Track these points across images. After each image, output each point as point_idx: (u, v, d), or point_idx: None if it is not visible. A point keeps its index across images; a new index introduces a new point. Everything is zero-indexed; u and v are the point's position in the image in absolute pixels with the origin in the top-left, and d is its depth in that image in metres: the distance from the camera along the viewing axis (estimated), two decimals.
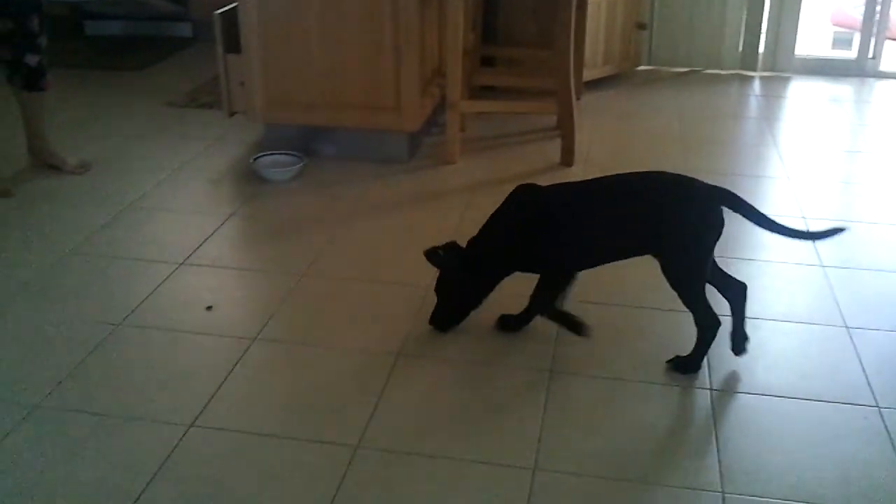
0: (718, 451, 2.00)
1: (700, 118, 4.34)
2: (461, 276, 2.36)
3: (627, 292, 2.67)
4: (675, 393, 2.21)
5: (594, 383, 2.24)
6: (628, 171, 2.32)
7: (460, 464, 1.95)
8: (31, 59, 3.30)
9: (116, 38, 5.65)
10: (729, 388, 2.23)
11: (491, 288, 2.39)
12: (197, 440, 2.02)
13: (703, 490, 1.88)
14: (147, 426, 2.06)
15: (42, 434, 2.04)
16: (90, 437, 2.03)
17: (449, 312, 2.43)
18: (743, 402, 2.19)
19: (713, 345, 2.29)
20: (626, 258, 2.33)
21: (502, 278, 2.38)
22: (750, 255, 2.95)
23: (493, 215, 2.38)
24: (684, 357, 2.29)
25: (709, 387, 2.23)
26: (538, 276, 2.37)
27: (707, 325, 2.25)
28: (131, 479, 1.89)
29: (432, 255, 2.35)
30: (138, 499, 1.84)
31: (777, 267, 2.86)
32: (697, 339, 2.27)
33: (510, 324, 2.44)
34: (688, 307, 2.25)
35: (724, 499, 1.86)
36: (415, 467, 1.94)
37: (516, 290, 2.39)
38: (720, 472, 1.93)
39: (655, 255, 2.24)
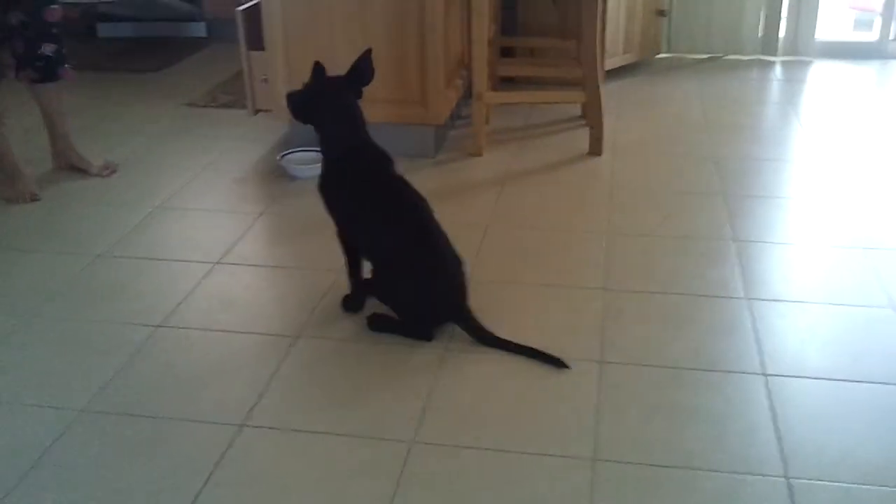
0: (778, 436, 1.97)
1: (723, 104, 4.31)
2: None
3: (671, 280, 2.65)
4: (729, 379, 2.18)
5: (646, 371, 2.21)
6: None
7: (518, 456, 1.92)
8: (48, 49, 3.24)
9: (130, 40, 5.62)
10: (783, 372, 2.20)
11: None
12: (250, 440, 1.99)
13: (767, 476, 1.85)
14: (197, 427, 2.03)
15: (90, 439, 2.01)
16: (140, 440, 2.00)
17: None
18: (798, 386, 2.15)
19: (768, 330, 2.26)
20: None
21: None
22: (788, 239, 2.93)
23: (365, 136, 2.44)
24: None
25: (762, 372, 2.20)
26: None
27: None
28: (186, 482, 1.86)
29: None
30: (194, 501, 1.81)
31: (818, 251, 2.83)
32: None
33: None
34: None
35: (789, 485, 1.83)
36: (472, 461, 1.91)
37: None
38: (782, 457, 1.90)
39: None
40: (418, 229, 2.34)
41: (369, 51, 2.42)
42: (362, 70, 2.41)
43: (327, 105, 2.40)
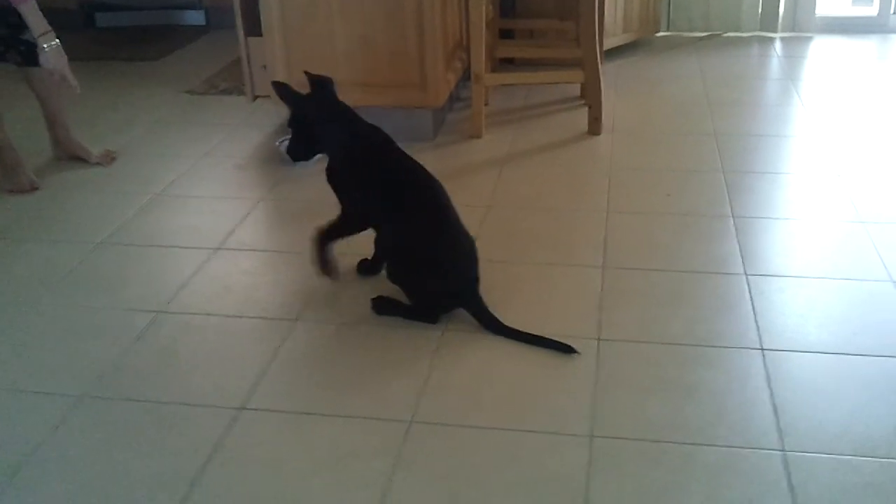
0: (776, 411, 1.97)
1: (723, 81, 4.29)
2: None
3: (671, 258, 2.65)
4: (728, 355, 2.18)
5: (645, 348, 2.22)
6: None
7: (517, 434, 1.93)
8: (30, 34, 3.08)
9: (129, 29, 5.62)
10: (781, 347, 2.20)
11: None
12: (249, 423, 2.00)
13: (764, 449, 1.86)
14: (197, 411, 2.05)
15: (91, 424, 2.02)
16: (140, 424, 2.02)
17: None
18: (796, 361, 2.16)
19: (767, 305, 2.26)
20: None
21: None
22: (788, 215, 2.93)
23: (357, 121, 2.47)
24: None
25: (759, 346, 2.20)
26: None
27: None
28: (186, 465, 1.88)
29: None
30: (194, 484, 1.82)
31: (818, 226, 2.83)
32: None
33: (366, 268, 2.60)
34: None
35: (785, 457, 1.83)
36: (471, 440, 1.92)
37: None
38: (779, 431, 1.90)
39: None
40: (437, 214, 2.33)
41: (306, 72, 2.50)
42: (320, 80, 2.47)
43: (323, 128, 2.45)
